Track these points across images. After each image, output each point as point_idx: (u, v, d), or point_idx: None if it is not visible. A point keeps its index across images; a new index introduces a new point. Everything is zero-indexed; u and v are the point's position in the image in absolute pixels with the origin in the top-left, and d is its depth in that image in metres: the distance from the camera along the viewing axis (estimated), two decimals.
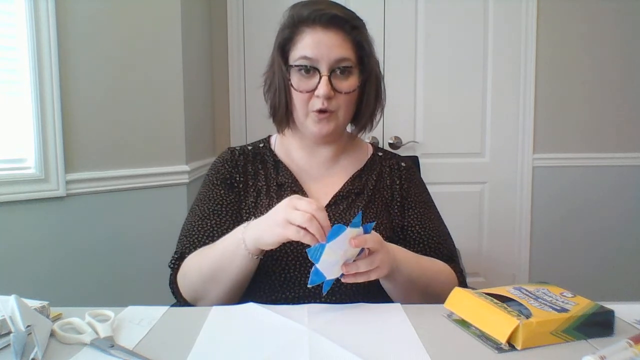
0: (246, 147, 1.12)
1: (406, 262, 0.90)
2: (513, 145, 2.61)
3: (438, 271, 0.98)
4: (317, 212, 0.77)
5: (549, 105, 2.56)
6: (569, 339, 0.69)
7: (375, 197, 1.05)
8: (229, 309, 0.83)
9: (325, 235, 0.77)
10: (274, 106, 1.03)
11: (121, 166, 1.87)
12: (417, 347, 0.68)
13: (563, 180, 2.60)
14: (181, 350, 0.67)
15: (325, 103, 0.96)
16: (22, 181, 1.61)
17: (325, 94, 0.95)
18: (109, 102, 1.82)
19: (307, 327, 0.74)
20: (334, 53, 0.95)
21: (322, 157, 1.07)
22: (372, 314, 0.80)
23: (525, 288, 0.80)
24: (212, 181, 1.06)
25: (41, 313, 0.73)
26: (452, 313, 0.79)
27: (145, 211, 1.94)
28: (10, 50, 1.60)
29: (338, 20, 0.96)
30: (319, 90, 0.95)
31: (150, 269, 1.79)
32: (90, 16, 1.75)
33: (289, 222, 0.78)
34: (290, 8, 1.01)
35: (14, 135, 1.61)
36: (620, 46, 2.54)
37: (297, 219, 0.77)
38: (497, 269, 2.64)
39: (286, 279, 0.95)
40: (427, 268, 0.96)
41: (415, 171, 1.13)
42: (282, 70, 0.99)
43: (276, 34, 1.02)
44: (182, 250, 1.00)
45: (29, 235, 1.64)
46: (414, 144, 2.58)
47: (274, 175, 1.05)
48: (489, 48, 2.55)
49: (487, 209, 2.64)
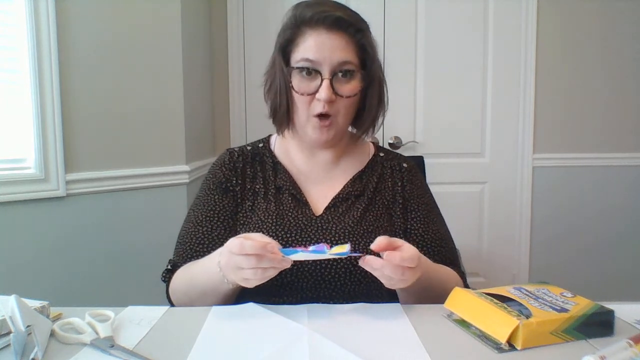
0: (245, 147, 1.10)
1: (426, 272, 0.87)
2: (513, 145, 2.61)
3: (448, 280, 0.96)
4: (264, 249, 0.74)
5: (549, 105, 2.56)
6: (569, 339, 0.69)
7: (376, 199, 1.03)
8: (229, 309, 0.83)
9: (281, 255, 0.76)
10: (274, 107, 1.01)
11: (121, 166, 1.87)
12: (417, 347, 0.68)
13: (563, 180, 2.60)
14: (181, 350, 0.67)
15: (326, 107, 0.94)
16: (22, 181, 1.61)
17: (326, 97, 0.93)
18: (109, 102, 1.82)
19: (307, 327, 0.74)
20: (336, 56, 0.93)
21: (322, 160, 1.06)
22: (372, 314, 0.80)
23: (525, 288, 0.80)
24: (208, 185, 1.05)
25: (41, 313, 0.73)
26: (452, 313, 0.79)
27: (145, 211, 1.94)
28: (10, 50, 1.60)
29: (342, 23, 0.94)
30: (320, 94, 0.94)
31: (150, 269, 1.79)
32: (90, 16, 1.75)
33: (245, 279, 0.77)
34: (293, 8, 0.98)
35: (14, 135, 1.61)
36: (620, 46, 2.54)
37: (249, 275, 0.76)
38: (497, 269, 2.64)
39: (283, 283, 0.94)
40: (442, 276, 0.95)
41: (417, 172, 1.11)
42: (283, 72, 0.97)
43: (278, 34, 1.01)
44: (175, 260, 1.01)
45: (29, 235, 1.64)
46: (414, 144, 2.58)
47: (273, 178, 1.04)
48: (489, 48, 2.55)
49: (487, 209, 2.64)
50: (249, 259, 0.75)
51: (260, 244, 0.74)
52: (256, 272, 0.76)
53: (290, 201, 1.00)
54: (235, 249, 0.76)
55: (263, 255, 0.75)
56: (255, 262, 0.75)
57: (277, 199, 1.01)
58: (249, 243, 0.75)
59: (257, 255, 0.74)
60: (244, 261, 0.75)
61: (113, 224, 1.85)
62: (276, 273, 0.78)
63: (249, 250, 0.74)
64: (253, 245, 0.74)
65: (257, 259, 0.75)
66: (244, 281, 0.78)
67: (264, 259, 0.75)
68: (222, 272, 0.82)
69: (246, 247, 0.74)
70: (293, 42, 0.97)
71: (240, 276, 0.78)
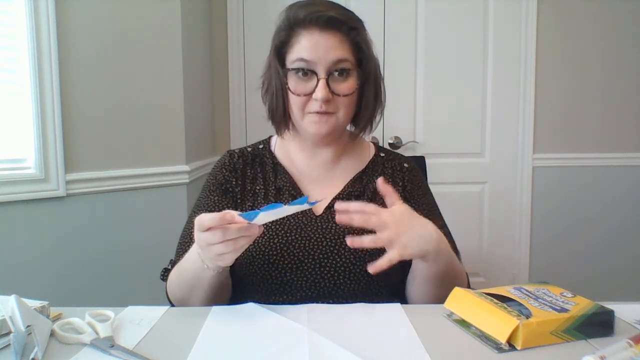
0: (246, 149, 1.11)
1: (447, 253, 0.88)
2: (513, 145, 2.61)
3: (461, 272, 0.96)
4: (222, 219, 0.74)
5: (549, 105, 2.56)
6: (569, 339, 0.69)
7: (377, 200, 1.02)
8: (229, 309, 0.83)
9: (246, 222, 0.75)
10: (271, 109, 1.02)
11: (121, 166, 1.87)
12: (417, 347, 0.68)
13: (563, 180, 2.60)
14: (181, 350, 0.67)
15: (323, 106, 0.94)
16: (22, 181, 1.61)
17: (323, 97, 0.93)
18: (109, 102, 1.82)
19: (307, 327, 0.74)
20: (331, 55, 0.93)
21: (322, 159, 1.06)
22: (372, 314, 0.80)
23: (525, 288, 0.80)
24: (209, 187, 1.06)
25: (41, 313, 0.73)
26: (452, 313, 0.79)
27: (145, 211, 1.94)
28: (10, 50, 1.60)
29: (335, 22, 0.94)
30: (317, 94, 0.94)
31: (150, 269, 1.78)
32: (90, 16, 1.75)
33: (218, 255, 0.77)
34: (286, 9, 0.98)
35: (14, 135, 1.61)
36: (620, 46, 2.54)
37: (221, 249, 0.76)
38: (497, 269, 2.64)
39: (282, 282, 0.94)
40: (456, 267, 0.94)
41: (418, 172, 1.11)
42: (279, 73, 0.97)
43: (272, 36, 1.01)
44: (176, 260, 1.02)
45: (29, 235, 1.64)
46: (414, 144, 2.58)
47: (273, 179, 1.04)
48: (489, 48, 2.55)
49: (487, 209, 2.64)
50: (214, 233, 0.74)
51: (217, 215, 0.74)
52: (227, 244, 0.75)
53: (290, 202, 1.00)
54: (197, 226, 0.76)
55: (227, 227, 0.74)
56: (221, 235, 0.74)
57: (278, 199, 1.01)
58: (207, 216, 0.74)
59: (222, 228, 0.74)
60: (211, 236, 0.75)
61: (113, 224, 1.85)
62: (249, 242, 0.77)
63: (208, 223, 0.74)
64: (212, 217, 0.74)
65: (222, 232, 0.74)
66: (219, 258, 0.78)
67: (229, 230, 0.74)
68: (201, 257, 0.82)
69: (204, 221, 0.74)
70: (287, 44, 0.97)
71: (213, 253, 0.77)
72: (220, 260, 0.79)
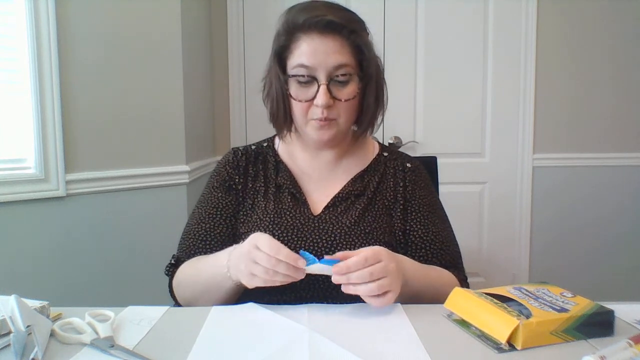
0: (250, 147, 1.11)
1: (414, 276, 0.87)
2: (513, 145, 2.61)
3: (444, 283, 0.95)
4: (279, 256, 0.76)
5: (549, 105, 2.56)
6: (569, 339, 0.69)
7: (376, 199, 1.03)
8: (229, 309, 0.83)
9: (298, 265, 0.76)
10: (273, 113, 1.01)
11: (121, 166, 1.87)
12: (417, 347, 0.68)
13: (563, 180, 2.60)
14: (181, 350, 0.67)
15: (324, 112, 0.94)
16: (22, 181, 1.61)
17: (324, 103, 0.93)
18: (109, 102, 1.82)
19: (307, 327, 0.74)
20: (331, 60, 0.92)
21: (324, 159, 1.06)
22: (372, 314, 0.80)
23: (525, 288, 0.80)
24: (213, 184, 1.06)
25: (41, 313, 0.73)
26: (452, 313, 0.79)
27: (145, 211, 1.94)
28: (10, 50, 1.60)
29: (335, 26, 0.92)
30: (318, 100, 0.93)
31: (150, 269, 1.79)
32: (90, 16, 1.75)
33: (253, 274, 0.78)
34: (285, 12, 0.97)
35: (14, 135, 1.61)
36: (620, 46, 2.54)
37: (260, 272, 0.77)
38: (497, 269, 2.64)
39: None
40: (435, 280, 0.94)
41: (421, 172, 1.09)
42: (280, 79, 0.97)
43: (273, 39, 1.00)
44: (179, 255, 1.03)
45: (29, 235, 1.64)
46: (414, 144, 2.58)
47: (274, 177, 1.04)
48: (489, 48, 2.55)
49: (487, 209, 2.64)
50: (269, 259, 0.76)
51: (295, 256, 0.76)
52: (267, 271, 0.76)
53: (289, 200, 1.01)
54: (267, 247, 0.76)
55: (280, 261, 0.76)
56: (273, 264, 0.76)
57: (277, 197, 1.01)
58: (286, 251, 0.76)
59: (276, 265, 0.76)
60: (264, 259, 0.76)
61: (113, 224, 1.85)
62: (284, 282, 0.78)
63: (283, 257, 0.75)
64: (288, 254, 0.76)
65: (276, 261, 0.76)
66: (250, 277, 0.79)
67: (281, 264, 0.76)
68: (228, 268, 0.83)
69: (281, 253, 0.76)
70: (287, 49, 0.96)
71: (249, 270, 0.78)
72: (249, 278, 0.79)
